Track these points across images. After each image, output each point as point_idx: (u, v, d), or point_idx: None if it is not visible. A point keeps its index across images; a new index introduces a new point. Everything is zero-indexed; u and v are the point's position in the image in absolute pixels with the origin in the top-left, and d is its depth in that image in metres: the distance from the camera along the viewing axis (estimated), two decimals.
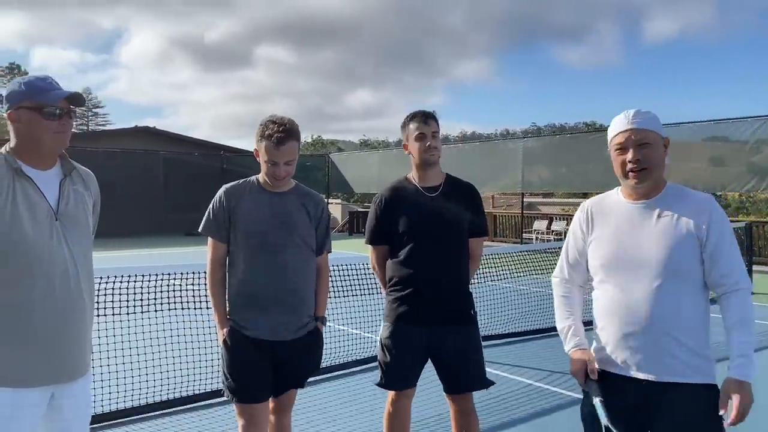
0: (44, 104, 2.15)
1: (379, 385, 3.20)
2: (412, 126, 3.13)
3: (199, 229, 2.94)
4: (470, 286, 3.23)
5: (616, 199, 2.32)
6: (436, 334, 3.07)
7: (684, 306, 2.11)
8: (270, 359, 2.84)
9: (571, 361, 2.30)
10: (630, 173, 2.19)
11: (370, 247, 3.31)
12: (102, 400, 4.40)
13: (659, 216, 2.18)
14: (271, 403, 2.94)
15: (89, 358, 2.35)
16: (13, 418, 2.10)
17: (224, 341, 2.85)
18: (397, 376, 3.15)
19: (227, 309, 2.89)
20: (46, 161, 2.24)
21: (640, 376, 2.15)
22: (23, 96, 2.16)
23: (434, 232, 3.08)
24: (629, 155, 2.19)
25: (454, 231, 3.12)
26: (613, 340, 2.19)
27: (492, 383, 3.20)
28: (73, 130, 2.28)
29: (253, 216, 2.84)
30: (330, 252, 3.08)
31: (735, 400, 2.00)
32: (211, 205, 2.92)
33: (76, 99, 2.24)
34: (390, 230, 3.16)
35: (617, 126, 2.25)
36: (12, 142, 2.21)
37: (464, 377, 3.13)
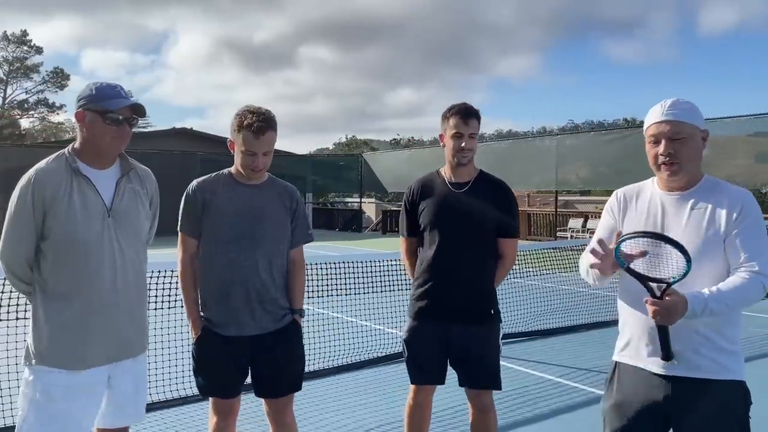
0: (108, 110, 2.34)
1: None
2: (452, 122, 3.05)
3: (178, 228, 2.88)
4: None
5: (651, 189, 2.27)
6: (454, 331, 3.07)
7: None
8: (245, 355, 2.82)
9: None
10: (662, 166, 2.16)
11: (401, 237, 3.31)
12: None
13: (692, 209, 2.14)
14: (266, 406, 2.93)
15: (141, 341, 2.56)
16: (68, 397, 2.33)
17: (195, 340, 2.85)
18: (416, 370, 3.18)
19: (199, 306, 2.86)
20: (105, 161, 2.44)
21: (664, 372, 2.11)
22: (91, 99, 2.37)
23: (457, 229, 3.05)
24: (661, 148, 2.14)
25: (479, 229, 3.07)
26: (638, 335, 2.16)
27: (499, 386, 3.17)
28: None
29: (226, 210, 2.79)
30: (311, 241, 3.01)
31: (668, 301, 1.96)
32: (183, 201, 2.88)
33: (138, 109, 2.44)
34: (416, 223, 3.16)
35: (652, 116, 2.19)
36: (76, 142, 2.44)
37: (479, 375, 3.13)
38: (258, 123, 2.71)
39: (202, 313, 2.86)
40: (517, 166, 20.74)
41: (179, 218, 2.89)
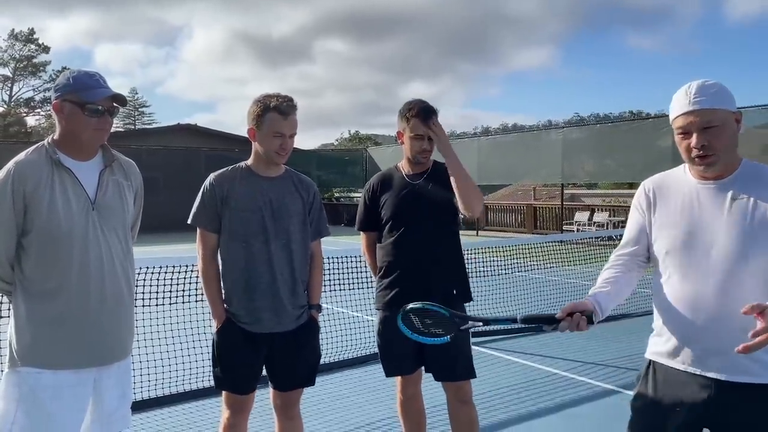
0: (87, 101, 2.23)
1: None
2: (413, 123, 3.09)
3: (189, 221, 2.85)
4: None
5: (684, 178, 2.05)
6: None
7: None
8: (264, 352, 2.81)
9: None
10: (696, 159, 1.94)
11: (361, 233, 3.35)
12: (142, 387, 4.57)
13: (733, 199, 1.92)
14: (274, 398, 2.94)
15: (129, 343, 2.44)
16: (55, 399, 2.21)
17: (218, 331, 2.83)
18: (390, 362, 3.22)
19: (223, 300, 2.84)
20: (86, 153, 2.33)
21: (709, 374, 1.93)
22: (69, 89, 2.26)
23: (416, 218, 3.10)
24: (693, 141, 1.92)
25: (438, 215, 3.11)
26: (679, 334, 1.98)
27: (475, 375, 3.16)
28: (119, 129, 2.36)
29: (245, 203, 2.76)
30: (328, 235, 2.99)
31: None
32: (200, 195, 2.84)
33: (119, 99, 2.34)
34: (377, 217, 3.22)
35: (678, 106, 1.96)
36: (56, 133, 2.33)
37: (457, 366, 3.12)
38: (286, 103, 2.71)
39: (225, 306, 2.83)
40: (523, 159, 20.66)
41: (194, 212, 2.83)
